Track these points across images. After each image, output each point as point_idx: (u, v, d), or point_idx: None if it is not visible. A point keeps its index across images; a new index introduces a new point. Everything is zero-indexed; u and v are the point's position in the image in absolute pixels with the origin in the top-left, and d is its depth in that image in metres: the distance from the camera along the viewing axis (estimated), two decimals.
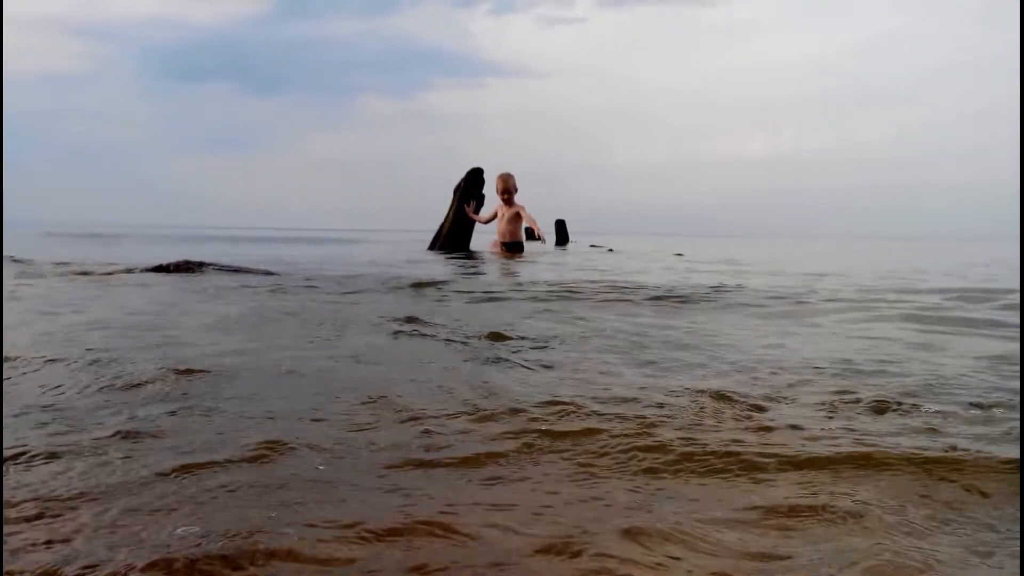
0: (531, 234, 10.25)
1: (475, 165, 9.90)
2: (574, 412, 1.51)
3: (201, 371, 1.82)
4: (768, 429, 1.44)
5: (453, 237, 9.74)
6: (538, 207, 10.14)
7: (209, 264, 5.38)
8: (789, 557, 0.90)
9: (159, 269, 5.17)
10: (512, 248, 9.39)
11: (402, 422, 1.45)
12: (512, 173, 9.58)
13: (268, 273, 5.12)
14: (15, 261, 5.91)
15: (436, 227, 10.12)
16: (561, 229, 15.28)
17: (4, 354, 1.96)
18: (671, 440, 1.33)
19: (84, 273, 5.02)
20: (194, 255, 5.72)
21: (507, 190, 9.43)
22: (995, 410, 1.59)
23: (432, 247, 9.85)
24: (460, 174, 9.97)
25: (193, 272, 5.12)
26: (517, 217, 9.46)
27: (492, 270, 6.25)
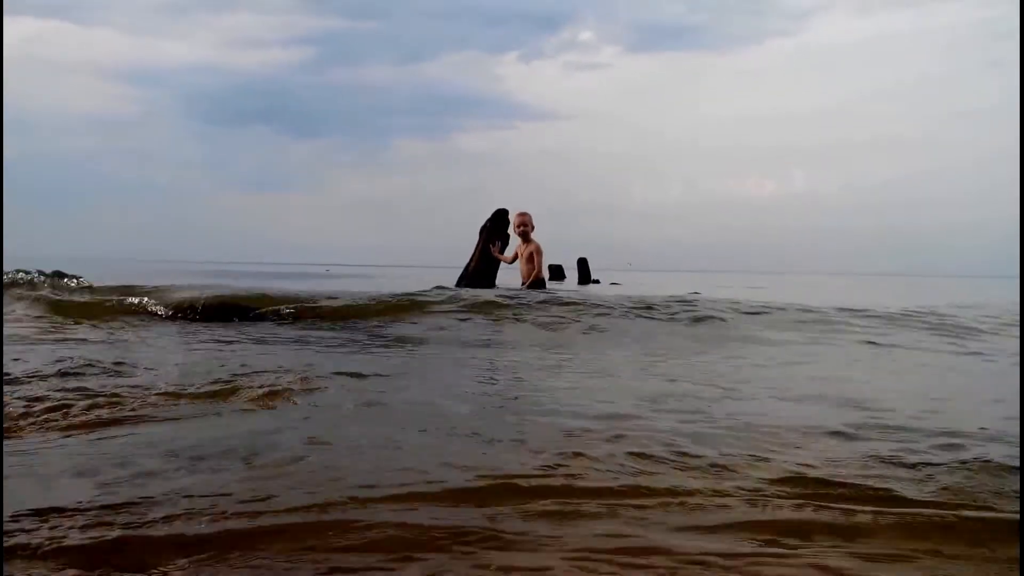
0: (555, 275, 10.54)
1: (501, 204, 10.33)
2: None
3: None
4: None
5: (479, 275, 10.14)
6: (560, 244, 10.45)
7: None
8: None
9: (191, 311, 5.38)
10: (533, 287, 9.54)
11: None
12: (530, 212, 10.00)
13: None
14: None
15: (462, 263, 10.54)
16: (583, 268, 15.59)
17: None
18: None
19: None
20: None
21: (524, 223, 9.84)
22: None
23: (459, 284, 10.23)
24: (487, 212, 10.40)
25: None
26: (533, 256, 9.79)
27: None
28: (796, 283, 23.39)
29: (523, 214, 9.98)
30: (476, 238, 10.38)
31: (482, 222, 10.36)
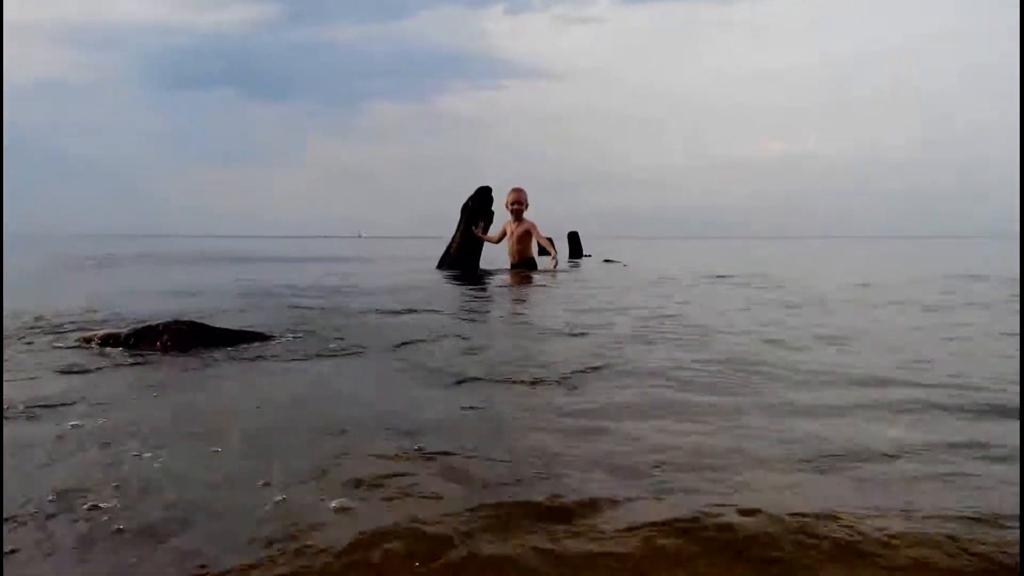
0: (544, 251, 9.86)
1: (487, 171, 9.78)
2: None
3: None
4: None
5: (461, 257, 9.46)
6: (553, 215, 9.81)
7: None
8: None
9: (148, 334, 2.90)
10: (522, 267, 9.20)
11: None
12: (524, 189, 9.46)
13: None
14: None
15: (446, 235, 9.87)
16: (574, 242, 14.86)
17: None
18: None
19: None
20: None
21: (519, 201, 9.27)
22: None
23: (441, 266, 9.59)
24: (473, 182, 9.76)
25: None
26: (527, 235, 9.31)
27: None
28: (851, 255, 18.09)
29: (518, 191, 9.42)
30: (458, 215, 9.67)
31: (466, 195, 9.65)
